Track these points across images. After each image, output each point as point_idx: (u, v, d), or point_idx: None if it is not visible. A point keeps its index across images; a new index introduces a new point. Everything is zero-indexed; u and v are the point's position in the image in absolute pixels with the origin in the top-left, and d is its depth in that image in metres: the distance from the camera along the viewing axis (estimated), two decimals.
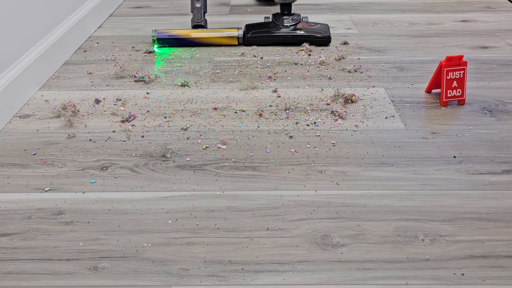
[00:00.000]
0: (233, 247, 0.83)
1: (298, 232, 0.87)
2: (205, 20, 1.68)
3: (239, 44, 1.65)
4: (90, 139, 1.14)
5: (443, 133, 1.15)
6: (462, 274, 0.78)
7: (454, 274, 0.78)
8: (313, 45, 1.63)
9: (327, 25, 1.70)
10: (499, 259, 0.80)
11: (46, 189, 0.98)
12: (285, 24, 1.66)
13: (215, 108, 1.27)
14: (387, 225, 0.88)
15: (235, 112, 1.25)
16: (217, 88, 1.37)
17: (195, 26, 1.68)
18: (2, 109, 1.19)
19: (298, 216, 0.90)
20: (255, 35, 1.64)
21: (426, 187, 0.97)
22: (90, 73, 1.48)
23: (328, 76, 1.43)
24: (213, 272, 0.79)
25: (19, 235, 0.87)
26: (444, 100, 1.25)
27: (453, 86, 1.25)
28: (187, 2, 2.10)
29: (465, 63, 1.25)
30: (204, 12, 1.67)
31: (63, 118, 1.22)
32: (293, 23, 1.66)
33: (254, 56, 1.58)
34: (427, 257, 0.81)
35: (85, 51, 1.64)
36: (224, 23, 1.89)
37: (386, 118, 1.21)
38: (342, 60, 1.54)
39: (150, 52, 1.61)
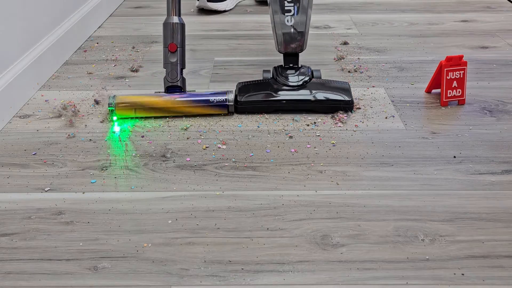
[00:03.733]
0: (233, 247, 0.83)
1: (298, 232, 0.86)
2: (183, 79, 1.22)
3: (229, 113, 1.23)
4: (90, 139, 1.14)
5: (443, 133, 1.15)
6: (462, 274, 0.78)
7: (454, 274, 0.78)
8: (328, 113, 1.22)
9: (347, 83, 1.26)
10: (499, 259, 0.80)
11: (46, 189, 0.98)
12: (290, 83, 1.22)
13: None
14: (387, 225, 0.88)
15: None
16: (217, 88, 1.37)
17: (169, 88, 1.22)
18: (2, 109, 1.19)
19: (298, 216, 0.90)
20: (250, 100, 1.22)
21: (426, 187, 0.97)
22: (90, 73, 1.48)
23: (328, 76, 1.43)
24: (213, 272, 0.79)
25: (19, 235, 0.87)
26: (444, 100, 1.25)
27: (453, 86, 1.25)
28: (186, 2, 2.09)
29: (465, 63, 1.25)
30: (182, 69, 1.22)
31: (63, 118, 1.22)
32: (302, 80, 1.23)
33: None
34: (427, 257, 0.81)
35: (85, 51, 1.64)
36: (224, 23, 1.89)
37: (386, 118, 1.21)
38: (342, 60, 1.54)
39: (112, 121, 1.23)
